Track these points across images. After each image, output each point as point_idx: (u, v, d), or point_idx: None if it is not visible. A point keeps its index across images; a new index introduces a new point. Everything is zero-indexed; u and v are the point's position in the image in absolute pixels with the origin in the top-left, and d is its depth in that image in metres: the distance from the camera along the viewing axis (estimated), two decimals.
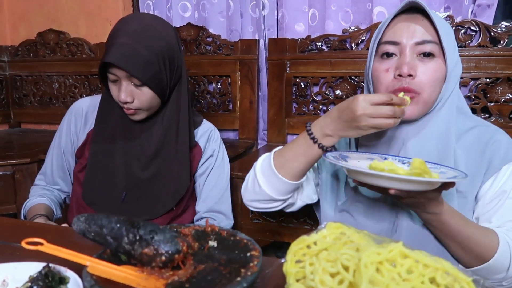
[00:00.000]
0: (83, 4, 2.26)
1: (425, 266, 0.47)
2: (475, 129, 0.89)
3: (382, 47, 0.87)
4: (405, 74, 0.82)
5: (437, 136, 0.87)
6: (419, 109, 0.84)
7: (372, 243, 0.54)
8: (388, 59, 0.86)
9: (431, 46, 0.83)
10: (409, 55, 0.83)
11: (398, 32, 0.85)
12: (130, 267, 0.59)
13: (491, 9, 1.60)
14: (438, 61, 0.84)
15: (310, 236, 0.55)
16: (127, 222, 0.61)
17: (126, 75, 1.01)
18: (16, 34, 2.42)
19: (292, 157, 0.89)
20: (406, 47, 0.84)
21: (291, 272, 0.52)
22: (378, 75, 0.87)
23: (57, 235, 0.84)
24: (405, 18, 0.86)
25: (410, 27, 0.84)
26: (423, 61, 0.83)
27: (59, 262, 0.59)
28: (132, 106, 1.04)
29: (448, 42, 0.84)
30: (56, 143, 1.20)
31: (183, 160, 1.14)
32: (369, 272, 0.45)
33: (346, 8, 1.81)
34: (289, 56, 1.87)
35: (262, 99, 2.03)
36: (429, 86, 0.83)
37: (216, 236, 0.69)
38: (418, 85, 0.82)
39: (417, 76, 0.82)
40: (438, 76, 0.83)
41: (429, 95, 0.83)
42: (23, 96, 2.43)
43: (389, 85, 0.84)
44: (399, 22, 0.86)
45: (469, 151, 0.87)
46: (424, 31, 0.83)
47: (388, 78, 0.85)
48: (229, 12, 2.00)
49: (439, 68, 0.83)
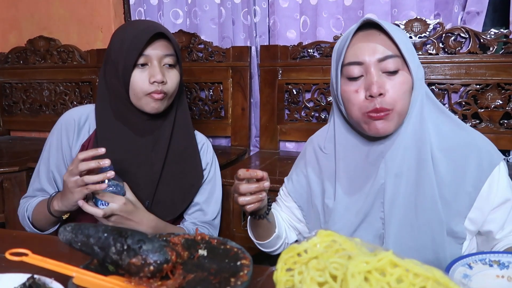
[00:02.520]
0: (74, 11, 2.25)
1: (416, 275, 0.47)
2: (457, 131, 0.89)
3: (346, 69, 0.86)
4: (375, 94, 0.81)
5: (413, 143, 0.87)
6: (394, 123, 0.85)
7: (364, 251, 0.53)
8: (355, 81, 0.86)
9: (393, 62, 0.83)
10: (375, 73, 0.83)
11: (358, 51, 0.85)
12: (117, 277, 0.58)
13: (480, 16, 1.61)
14: (403, 74, 0.84)
15: (300, 244, 0.55)
16: (114, 232, 0.60)
17: (161, 55, 1.02)
18: (6, 41, 2.40)
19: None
20: (370, 66, 0.83)
21: (281, 281, 0.51)
22: (348, 97, 0.87)
23: (42, 246, 0.83)
24: (363, 35, 0.86)
25: (369, 45, 0.84)
26: (389, 77, 0.84)
27: (44, 273, 0.58)
28: (164, 88, 1.03)
29: (408, 52, 0.84)
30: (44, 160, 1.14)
31: (193, 155, 1.15)
32: (356, 282, 0.44)
33: (337, 15, 1.82)
34: (281, 63, 1.87)
35: (254, 106, 2.02)
36: (400, 99, 0.83)
37: (206, 244, 0.68)
38: (390, 103, 0.82)
39: (387, 92, 0.82)
40: (406, 88, 0.84)
41: (401, 108, 0.84)
42: (13, 103, 2.40)
43: (362, 106, 0.84)
44: (358, 41, 0.86)
45: (451, 154, 0.87)
46: (384, 47, 0.83)
47: (359, 99, 0.84)
48: (221, 19, 2.00)
49: (405, 80, 0.84)
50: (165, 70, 1.04)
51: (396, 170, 0.87)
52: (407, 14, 1.69)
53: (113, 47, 1.05)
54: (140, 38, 1.00)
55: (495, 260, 0.73)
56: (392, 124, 0.84)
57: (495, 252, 0.75)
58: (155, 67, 1.02)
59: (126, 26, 1.09)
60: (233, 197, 0.88)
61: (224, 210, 1.45)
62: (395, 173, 0.87)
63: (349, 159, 0.93)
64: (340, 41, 0.90)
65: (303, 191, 1.02)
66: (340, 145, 0.94)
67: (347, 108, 0.88)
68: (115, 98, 1.07)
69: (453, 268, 0.71)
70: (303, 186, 1.03)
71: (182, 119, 1.16)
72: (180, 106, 1.16)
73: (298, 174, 1.05)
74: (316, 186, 0.99)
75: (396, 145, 0.87)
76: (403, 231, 0.86)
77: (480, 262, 0.73)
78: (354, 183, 0.92)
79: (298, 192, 1.03)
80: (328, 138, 0.99)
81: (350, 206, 0.91)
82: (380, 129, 0.84)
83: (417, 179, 0.86)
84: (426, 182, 0.85)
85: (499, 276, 0.71)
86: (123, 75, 1.02)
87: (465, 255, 0.74)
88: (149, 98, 1.03)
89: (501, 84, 1.58)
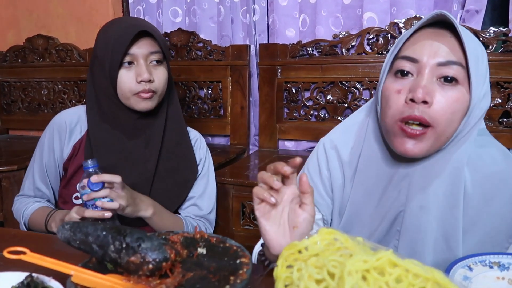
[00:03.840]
0: (73, 10, 2.24)
1: (415, 276, 0.46)
2: (497, 164, 0.75)
3: (397, 62, 0.73)
4: (418, 99, 0.68)
5: (447, 176, 0.74)
6: (428, 146, 0.71)
7: (366, 250, 0.53)
8: (402, 78, 0.72)
9: (455, 69, 0.69)
10: (428, 77, 0.70)
11: (419, 48, 0.72)
12: (116, 276, 0.58)
13: (479, 14, 1.61)
14: (461, 90, 0.69)
15: (301, 241, 0.54)
16: (113, 230, 0.59)
17: (146, 53, 1.01)
18: (4, 40, 2.39)
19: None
20: (425, 67, 0.70)
21: (281, 277, 0.51)
22: (388, 96, 0.73)
23: (40, 244, 0.82)
24: (430, 33, 0.72)
25: (433, 44, 0.70)
26: (443, 86, 0.70)
27: (43, 271, 0.57)
28: (152, 86, 1.02)
29: (477, 67, 0.70)
30: (37, 159, 1.14)
31: (187, 150, 1.15)
32: (353, 280, 0.44)
33: (337, 13, 1.81)
34: (280, 61, 1.86)
35: (253, 105, 2.02)
36: (446, 118, 0.69)
37: (205, 243, 0.68)
38: (433, 116, 0.68)
39: (433, 103, 0.69)
40: (458, 108, 0.69)
41: (443, 130, 0.70)
42: (11, 102, 2.39)
43: (398, 111, 0.71)
44: (421, 37, 0.73)
45: (488, 195, 0.75)
46: (450, 50, 0.70)
47: (398, 102, 0.71)
48: (220, 18, 2.00)
49: (461, 98, 0.69)
50: (152, 68, 1.03)
51: (422, 202, 0.76)
52: (406, 13, 1.69)
53: (99, 46, 1.05)
54: (124, 37, 1.00)
55: (495, 262, 0.72)
56: (425, 147, 0.71)
57: (495, 254, 0.73)
58: (141, 65, 1.01)
59: (111, 23, 1.08)
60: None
61: (223, 209, 1.45)
62: (420, 205, 0.76)
63: (371, 173, 0.81)
64: (404, 33, 0.77)
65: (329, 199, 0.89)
66: (364, 157, 0.82)
67: (383, 109, 0.75)
68: (104, 97, 1.07)
69: (453, 270, 0.69)
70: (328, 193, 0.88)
71: (174, 115, 1.15)
72: (171, 103, 1.15)
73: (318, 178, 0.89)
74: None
75: (427, 174, 0.75)
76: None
77: (480, 263, 0.71)
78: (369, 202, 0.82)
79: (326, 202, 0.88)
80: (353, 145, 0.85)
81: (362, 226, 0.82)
82: (409, 150, 0.71)
83: (444, 218, 0.76)
84: (453, 223, 0.75)
85: (499, 277, 0.70)
86: (110, 75, 1.02)
87: (464, 257, 0.72)
88: (138, 97, 1.02)
89: (500, 82, 1.58)
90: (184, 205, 1.19)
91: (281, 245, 0.65)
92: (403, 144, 0.71)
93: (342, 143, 0.86)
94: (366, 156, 0.81)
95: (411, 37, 0.74)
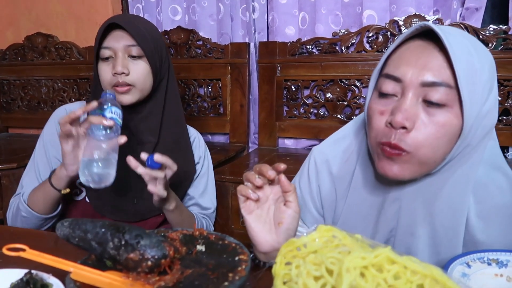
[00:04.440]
0: (72, 8, 2.24)
1: (413, 273, 0.46)
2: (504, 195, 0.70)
3: (381, 81, 0.69)
4: (397, 125, 0.64)
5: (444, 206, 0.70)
6: (410, 169, 0.66)
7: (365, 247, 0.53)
8: (385, 99, 0.68)
9: (442, 92, 0.63)
10: (411, 99, 0.64)
11: (402, 64, 0.66)
12: (115, 272, 0.58)
13: (479, 12, 1.61)
14: (449, 113, 0.63)
15: (299, 238, 0.54)
16: (112, 227, 0.60)
17: (124, 46, 1.01)
18: (3, 38, 2.39)
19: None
20: (409, 88, 0.65)
21: (279, 274, 0.51)
22: (371, 116, 0.70)
23: (40, 241, 0.82)
24: (416, 46, 0.66)
25: (418, 62, 0.64)
26: (428, 110, 0.64)
27: (42, 268, 0.57)
28: (127, 79, 1.01)
29: (473, 85, 0.62)
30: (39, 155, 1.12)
31: (185, 150, 1.15)
32: (351, 277, 0.44)
33: (336, 11, 1.81)
34: (279, 59, 1.86)
35: (252, 103, 2.02)
36: (428, 144, 0.64)
37: (204, 240, 0.68)
38: (410, 144, 0.64)
39: (414, 129, 0.64)
40: (445, 133, 0.64)
41: (425, 155, 0.65)
42: (11, 100, 2.39)
43: (379, 133, 0.68)
44: (407, 52, 0.67)
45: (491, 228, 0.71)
46: (436, 69, 0.63)
47: (380, 124, 0.67)
48: (219, 16, 2.00)
49: (449, 122, 0.63)
50: (130, 61, 1.03)
51: (413, 229, 0.72)
52: (406, 10, 1.69)
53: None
54: (100, 30, 1.03)
55: (493, 259, 0.71)
56: (406, 169, 0.66)
57: (493, 251, 0.73)
58: (117, 58, 1.02)
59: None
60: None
61: (222, 207, 1.45)
62: (411, 233, 0.72)
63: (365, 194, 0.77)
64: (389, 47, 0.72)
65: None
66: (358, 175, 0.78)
67: (368, 129, 0.72)
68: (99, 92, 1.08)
69: (452, 267, 0.69)
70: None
71: (171, 113, 1.14)
72: (169, 101, 1.14)
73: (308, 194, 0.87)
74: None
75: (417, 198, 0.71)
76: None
77: (479, 260, 0.71)
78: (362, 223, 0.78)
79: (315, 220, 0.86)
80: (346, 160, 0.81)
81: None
82: (388, 171, 0.67)
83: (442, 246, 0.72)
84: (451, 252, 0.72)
85: (497, 274, 0.70)
86: (94, 69, 1.05)
87: (463, 254, 0.71)
88: (115, 91, 1.02)
89: (500, 80, 1.58)
90: (186, 204, 1.19)
91: (267, 241, 0.67)
92: (384, 166, 0.68)
93: (333, 157, 0.83)
94: (360, 175, 0.78)
95: (397, 50, 0.69)
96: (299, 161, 1.65)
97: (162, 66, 1.10)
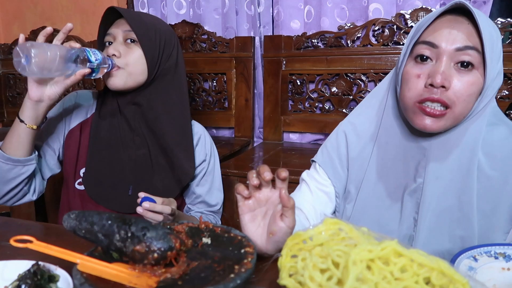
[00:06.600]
0: (77, 2, 2.24)
1: (420, 266, 0.46)
2: (510, 143, 0.81)
3: (418, 47, 0.79)
4: (438, 84, 0.74)
5: (462, 149, 0.81)
6: (447, 124, 0.78)
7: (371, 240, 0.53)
8: (422, 63, 0.79)
9: (471, 55, 0.75)
10: (446, 63, 0.76)
11: (438, 34, 0.77)
12: (121, 264, 0.58)
13: (487, 5, 1.59)
14: (476, 74, 0.76)
15: (306, 231, 0.54)
16: (118, 219, 0.60)
17: (122, 31, 1.05)
18: (9, 32, 2.40)
19: None
20: (444, 53, 0.76)
21: (285, 267, 0.51)
22: (408, 79, 0.80)
23: (47, 233, 0.83)
24: (448, 20, 0.78)
25: (452, 32, 0.76)
26: (459, 72, 0.76)
27: (49, 260, 0.58)
28: (117, 61, 1.04)
29: (492, 52, 0.76)
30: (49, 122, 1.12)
31: (187, 148, 1.14)
32: (357, 270, 0.44)
33: (342, 5, 1.80)
34: (284, 53, 1.85)
35: (257, 97, 2.01)
36: (463, 100, 0.76)
37: (210, 233, 0.68)
38: (451, 98, 0.75)
39: (451, 88, 0.75)
40: (473, 91, 0.76)
41: (461, 111, 0.77)
42: (17, 94, 2.40)
43: (417, 93, 0.78)
44: (441, 24, 0.78)
45: (495, 157, 0.81)
46: (467, 37, 0.75)
47: (418, 86, 0.78)
48: (224, 9, 1.99)
49: (476, 81, 0.76)
50: (125, 46, 1.06)
51: (438, 173, 0.82)
52: (413, 4, 1.67)
53: None
54: (103, 18, 1.08)
55: (500, 253, 0.72)
56: (443, 124, 0.78)
57: (500, 244, 0.74)
58: (115, 43, 1.06)
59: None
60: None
61: (228, 201, 1.45)
62: (437, 176, 0.82)
63: (390, 146, 0.87)
64: (421, 20, 0.82)
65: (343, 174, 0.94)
66: (384, 129, 0.89)
67: (402, 90, 0.82)
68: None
69: (458, 261, 0.70)
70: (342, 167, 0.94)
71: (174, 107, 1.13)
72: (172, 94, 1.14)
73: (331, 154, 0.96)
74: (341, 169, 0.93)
75: (443, 147, 0.81)
76: (434, 237, 0.83)
77: (486, 254, 0.72)
78: (388, 174, 0.87)
79: (340, 175, 0.94)
80: (370, 119, 0.92)
81: (379, 198, 0.87)
82: (428, 126, 0.77)
83: (459, 187, 0.81)
84: (467, 192, 0.80)
85: (504, 268, 0.70)
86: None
87: (470, 247, 0.72)
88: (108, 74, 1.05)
89: (507, 74, 1.56)
90: (193, 202, 1.20)
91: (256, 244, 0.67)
92: (423, 121, 0.77)
93: (360, 122, 0.93)
94: (385, 130, 0.88)
95: (431, 24, 0.79)
96: (304, 156, 1.65)
97: (162, 55, 1.10)
